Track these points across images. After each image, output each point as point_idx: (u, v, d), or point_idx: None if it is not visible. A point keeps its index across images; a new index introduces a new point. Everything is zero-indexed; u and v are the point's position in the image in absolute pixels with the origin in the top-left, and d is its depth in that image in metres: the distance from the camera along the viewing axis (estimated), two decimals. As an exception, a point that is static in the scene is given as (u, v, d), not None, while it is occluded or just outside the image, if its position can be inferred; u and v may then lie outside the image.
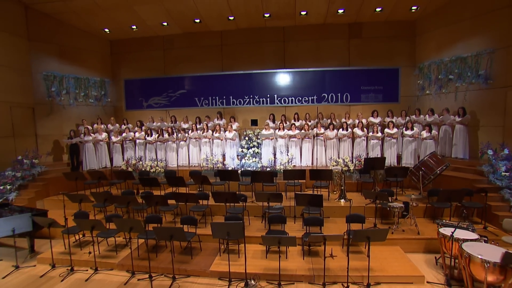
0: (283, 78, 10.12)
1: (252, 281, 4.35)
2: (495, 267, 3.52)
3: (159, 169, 8.37)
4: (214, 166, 8.24)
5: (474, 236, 4.27)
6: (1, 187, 7.17)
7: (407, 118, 8.69)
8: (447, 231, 4.30)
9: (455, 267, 4.44)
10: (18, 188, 7.52)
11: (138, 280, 4.60)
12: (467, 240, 4.09)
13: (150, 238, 5.14)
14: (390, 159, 8.29)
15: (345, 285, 4.20)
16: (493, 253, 3.63)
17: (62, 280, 4.67)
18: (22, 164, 7.93)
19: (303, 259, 4.91)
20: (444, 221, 4.98)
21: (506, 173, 5.99)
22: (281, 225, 5.36)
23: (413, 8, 8.60)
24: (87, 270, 4.95)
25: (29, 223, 5.14)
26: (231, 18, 9.29)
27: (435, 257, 4.97)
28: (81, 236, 5.94)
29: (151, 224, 5.31)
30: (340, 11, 8.82)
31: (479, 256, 3.62)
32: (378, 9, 8.72)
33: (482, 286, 3.67)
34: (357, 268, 4.50)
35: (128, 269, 4.86)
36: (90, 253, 5.29)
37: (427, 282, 4.33)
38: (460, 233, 4.32)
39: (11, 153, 8.11)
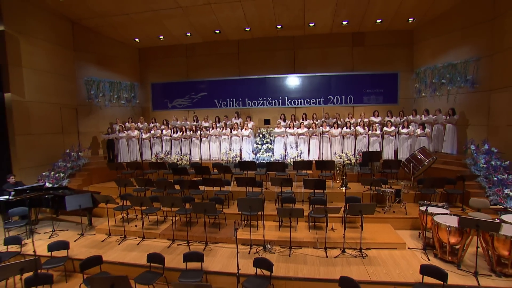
0: (293, 82, 11.29)
1: (269, 245, 5.54)
2: (455, 230, 4.62)
3: (185, 161, 9.64)
4: (233, 159, 9.44)
5: (446, 211, 5.36)
6: (57, 175, 8.55)
7: (404, 117, 9.71)
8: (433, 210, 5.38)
9: (431, 237, 5.51)
10: (69, 176, 8.91)
11: (178, 245, 5.85)
12: (438, 214, 5.19)
13: (187, 213, 6.40)
14: (388, 154, 9.30)
15: (342, 249, 5.33)
16: (456, 221, 4.71)
17: (119, 244, 5.98)
18: (70, 156, 9.33)
19: (309, 231, 6.07)
20: (425, 201, 6.06)
21: (484, 165, 6.99)
22: (291, 205, 6.53)
23: (409, 19, 9.61)
24: (136, 238, 6.24)
25: (90, 200, 6.45)
26: (247, 29, 10.49)
27: (419, 232, 6.03)
28: (126, 214, 7.24)
29: (185, 203, 6.55)
30: (344, 22, 9.91)
31: (444, 223, 4.73)
32: (378, 21, 9.77)
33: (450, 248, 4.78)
34: (353, 237, 5.62)
35: (168, 238, 6.11)
36: (136, 226, 6.60)
37: (408, 248, 5.43)
38: (435, 210, 5.42)
39: (60, 147, 9.51)
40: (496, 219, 5.06)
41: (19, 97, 8.10)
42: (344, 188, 7.76)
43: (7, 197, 6.58)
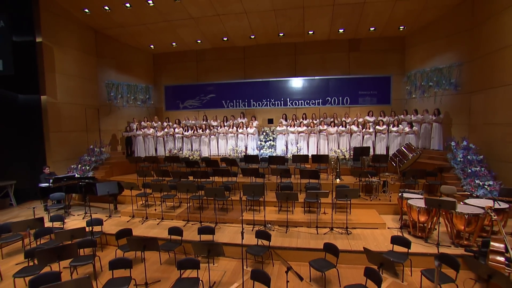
0: (294, 85, 12.29)
1: (269, 225, 6.54)
2: (423, 210, 5.55)
3: (196, 157, 10.69)
4: (239, 155, 10.45)
5: (420, 197, 6.28)
6: (83, 167, 9.69)
7: (396, 117, 10.59)
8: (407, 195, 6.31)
9: (408, 219, 6.43)
10: (93, 169, 10.05)
11: (192, 224, 6.89)
12: (412, 199, 6.11)
13: (200, 198, 7.46)
14: (380, 150, 10.19)
15: (330, 228, 6.29)
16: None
17: (142, 224, 7.04)
18: (93, 151, 10.47)
19: (304, 214, 7.06)
20: (405, 190, 6.98)
21: (461, 159, 7.88)
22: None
23: (400, 27, 10.51)
24: (156, 219, 7.29)
25: (116, 187, 7.53)
26: (252, 36, 11.53)
27: (400, 217, 6.95)
28: (145, 200, 8.31)
29: (198, 190, 7.58)
30: (341, 30, 10.86)
31: (415, 204, 5.66)
32: (372, 28, 10.69)
33: (420, 227, 5.72)
34: (341, 219, 6.56)
35: (184, 219, 7.15)
36: (155, 209, 7.66)
37: (388, 228, 6.37)
38: (411, 196, 6.33)
39: (84, 143, 10.65)
40: (461, 202, 5.99)
41: (53, 99, 9.27)
42: (337, 180, 8.70)
43: (47, 184, 7.71)
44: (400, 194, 6.24)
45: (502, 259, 4.17)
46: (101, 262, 5.32)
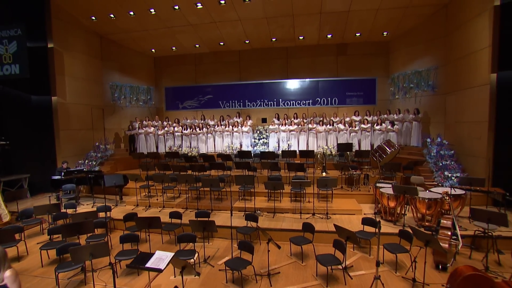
0: (286, 86, 13.11)
1: (258, 211, 7.34)
2: (392, 196, 6.36)
3: (194, 153, 11.49)
4: (234, 151, 11.25)
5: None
6: (90, 163, 10.49)
7: (380, 116, 11.40)
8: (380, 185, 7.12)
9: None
10: (99, 164, 10.83)
11: (190, 211, 7.68)
12: (385, 187, 6.92)
13: (198, 189, 8.26)
14: (365, 147, 11.00)
15: (312, 213, 7.10)
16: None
17: (145, 211, 7.84)
18: (99, 148, 11.26)
19: (290, 202, 7.86)
20: (381, 180, 7.80)
21: (434, 154, 8.70)
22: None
23: (384, 33, 11.34)
24: (157, 208, 8.09)
25: (122, 179, 8.33)
26: (247, 41, 12.35)
27: (375, 204, 7.76)
28: (148, 192, 9.11)
29: (196, 182, 8.38)
30: (329, 36, 11.69)
31: (386, 191, 6.47)
32: (358, 34, 11.52)
33: (391, 211, 6.54)
34: (323, 207, 7.35)
35: (183, 207, 7.94)
36: (157, 199, 8.46)
37: (364, 214, 7.17)
38: (384, 185, 7.12)
39: (90, 140, 11.44)
40: (427, 191, 6.80)
41: (62, 100, 10.07)
42: (323, 173, 9.51)
43: (59, 177, 8.52)
44: (374, 184, 7.05)
45: (449, 233, 5.00)
46: (112, 241, 6.12)
